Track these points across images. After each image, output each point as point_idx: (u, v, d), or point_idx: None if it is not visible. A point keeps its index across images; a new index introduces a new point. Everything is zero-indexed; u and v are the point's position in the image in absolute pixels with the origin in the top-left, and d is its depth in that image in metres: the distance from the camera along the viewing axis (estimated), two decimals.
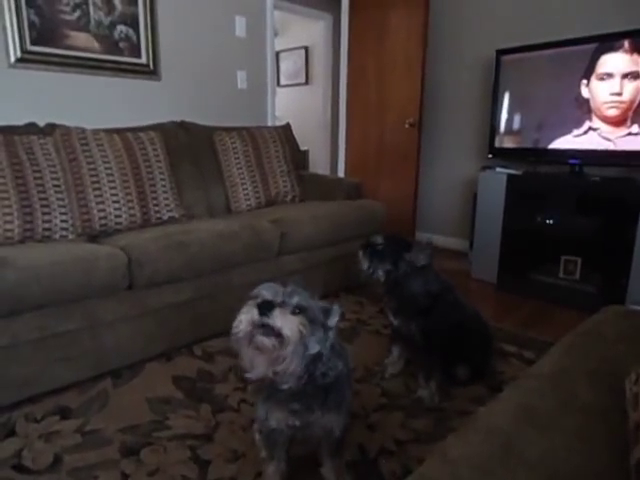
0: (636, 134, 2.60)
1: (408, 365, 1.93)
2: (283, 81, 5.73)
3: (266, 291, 0.98)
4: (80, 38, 2.60)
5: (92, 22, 2.63)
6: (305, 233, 2.49)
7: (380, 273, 1.74)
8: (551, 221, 2.91)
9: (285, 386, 1.02)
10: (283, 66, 5.72)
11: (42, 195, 2.03)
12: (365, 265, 1.76)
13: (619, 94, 2.64)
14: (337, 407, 1.13)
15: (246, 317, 0.95)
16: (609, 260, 2.72)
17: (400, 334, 1.83)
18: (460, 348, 1.76)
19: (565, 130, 2.89)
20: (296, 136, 3.36)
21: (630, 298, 2.54)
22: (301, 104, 5.50)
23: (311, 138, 5.12)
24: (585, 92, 2.78)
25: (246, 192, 2.83)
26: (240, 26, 3.41)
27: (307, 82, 5.49)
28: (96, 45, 2.68)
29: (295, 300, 0.97)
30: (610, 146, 2.71)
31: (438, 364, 1.75)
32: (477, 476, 0.69)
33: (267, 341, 0.94)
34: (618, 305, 1.32)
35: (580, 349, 1.04)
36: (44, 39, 2.47)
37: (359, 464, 1.38)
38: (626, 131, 2.64)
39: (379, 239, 1.77)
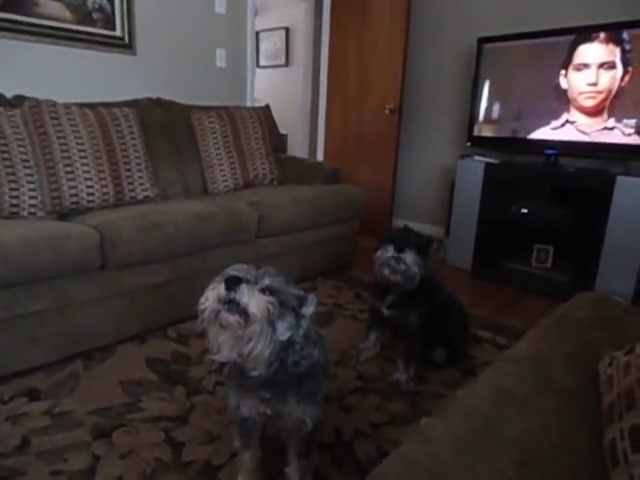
0: (611, 128, 2.66)
1: (383, 349, 1.95)
2: (263, 62, 5.62)
3: (236, 270, 0.95)
4: (51, 6, 2.48)
5: None
6: (284, 216, 2.46)
7: (416, 270, 1.55)
8: (525, 210, 2.96)
9: (254, 373, 0.99)
10: (263, 46, 5.61)
11: (9, 170, 1.94)
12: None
13: (595, 84, 2.69)
14: (311, 397, 1.09)
15: (212, 293, 0.92)
16: (580, 249, 2.80)
17: (391, 323, 1.77)
18: (440, 331, 1.78)
19: (543, 121, 2.93)
20: (275, 119, 3.30)
21: (599, 287, 2.62)
22: (280, 86, 5.42)
23: (290, 121, 5.05)
24: (563, 82, 2.82)
25: (223, 173, 2.78)
26: (220, 2, 3.31)
27: (287, 64, 5.41)
28: (68, 14, 2.55)
29: (266, 281, 0.94)
30: (585, 138, 2.76)
31: (419, 348, 1.76)
32: (457, 456, 0.69)
33: (232, 318, 0.90)
34: (592, 292, 1.35)
35: (556, 333, 1.06)
36: (12, 5, 2.34)
37: (334, 446, 1.39)
38: (602, 125, 2.69)
39: (403, 232, 1.59)
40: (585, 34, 2.70)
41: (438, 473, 0.66)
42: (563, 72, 2.81)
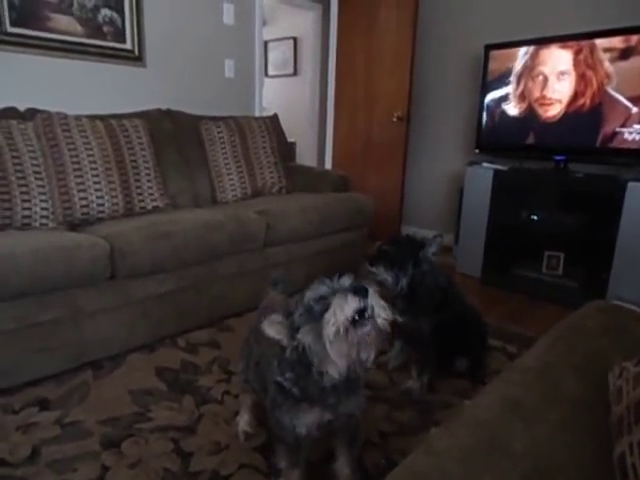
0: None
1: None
2: (271, 71, 5.66)
3: (324, 286, 0.92)
4: (62, 21, 2.53)
5: (75, 4, 2.55)
6: (291, 225, 2.47)
7: (404, 282, 1.58)
8: (535, 217, 2.94)
9: (336, 378, 0.94)
10: (271, 56, 5.65)
11: (22, 182, 1.97)
12: (388, 279, 1.58)
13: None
14: (358, 389, 1.08)
15: (347, 309, 0.87)
16: (591, 256, 2.76)
17: (405, 331, 1.75)
18: (460, 341, 1.76)
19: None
20: (283, 128, 3.33)
21: (611, 293, 2.58)
22: (289, 95, 5.45)
23: (298, 130, 5.08)
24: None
25: (232, 182, 2.80)
26: (228, 13, 3.35)
27: (295, 73, 5.44)
28: (79, 28, 2.60)
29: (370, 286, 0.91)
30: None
31: (434, 358, 1.74)
32: (463, 468, 0.69)
33: (366, 329, 0.87)
34: (600, 300, 1.34)
35: (565, 343, 1.04)
36: (24, 21, 2.39)
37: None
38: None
39: (388, 245, 1.62)
40: (590, 39, 2.68)
41: None
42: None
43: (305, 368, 0.97)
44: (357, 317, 0.88)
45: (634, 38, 2.53)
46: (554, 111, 2.87)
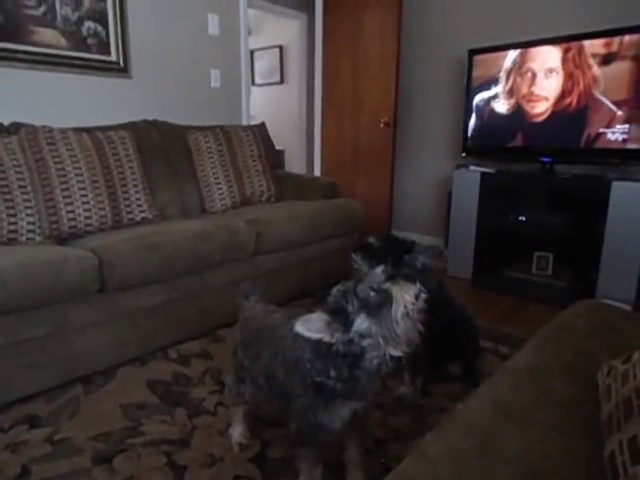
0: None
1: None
2: (258, 80, 5.68)
3: (372, 280, 1.00)
4: (46, 34, 2.52)
5: (59, 18, 2.55)
6: (281, 233, 2.47)
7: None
8: (523, 218, 2.97)
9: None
10: (257, 65, 5.68)
11: (7, 196, 1.95)
12: (364, 267, 1.65)
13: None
14: (375, 376, 1.12)
15: (408, 293, 0.98)
16: (579, 256, 2.79)
17: None
18: (453, 345, 1.77)
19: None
20: (271, 136, 3.33)
21: (600, 292, 2.61)
22: (276, 103, 5.47)
23: (286, 138, 5.10)
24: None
25: (221, 192, 2.79)
26: (213, 24, 3.36)
27: (282, 81, 5.46)
28: (63, 41, 2.59)
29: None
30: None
31: (426, 362, 1.74)
32: (456, 473, 0.69)
33: (421, 310, 0.99)
34: (590, 299, 1.35)
35: (554, 343, 1.05)
36: (7, 35, 2.38)
37: (337, 464, 1.37)
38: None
39: (376, 240, 1.67)
40: (575, 41, 2.73)
41: None
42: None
43: (353, 360, 1.01)
44: (415, 300, 0.98)
45: (616, 43, 2.57)
46: (541, 108, 2.90)
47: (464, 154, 3.33)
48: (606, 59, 2.63)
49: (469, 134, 3.27)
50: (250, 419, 1.47)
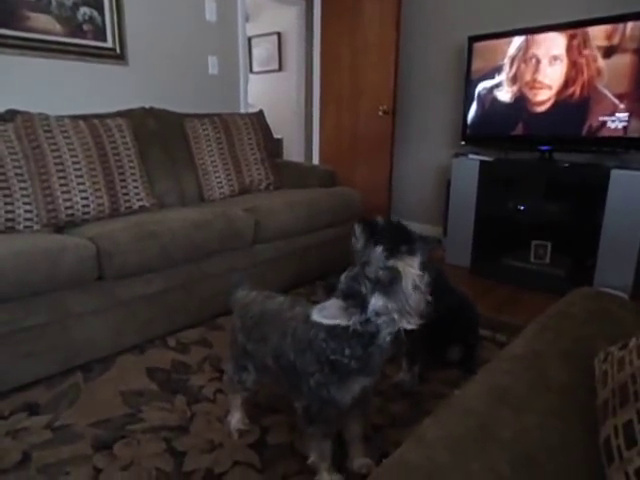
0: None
1: None
2: (256, 67, 5.63)
3: (375, 258, 1.04)
4: (41, 20, 2.49)
5: (53, 3, 2.51)
6: (280, 221, 2.46)
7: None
8: (522, 206, 2.96)
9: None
10: (256, 52, 5.62)
11: (4, 184, 1.94)
12: (359, 243, 1.69)
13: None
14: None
15: (414, 266, 1.01)
16: (577, 244, 2.79)
17: None
18: (453, 330, 1.78)
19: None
20: (270, 124, 3.31)
21: (598, 280, 2.62)
22: (274, 91, 5.43)
23: (285, 126, 5.07)
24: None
25: (219, 180, 2.78)
26: (210, 10, 3.32)
27: (280, 69, 5.41)
28: (58, 27, 2.56)
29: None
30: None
31: (424, 350, 1.75)
32: (453, 457, 0.69)
33: (427, 280, 1.02)
34: (587, 287, 1.35)
35: (551, 330, 1.06)
36: (1, 20, 2.34)
37: (336, 450, 1.38)
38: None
39: (381, 220, 1.70)
40: (579, 27, 2.70)
41: (434, 475, 0.66)
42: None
43: (369, 338, 1.04)
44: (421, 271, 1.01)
45: (618, 35, 2.55)
46: (543, 96, 2.88)
47: (463, 142, 3.32)
48: (608, 51, 2.61)
49: (468, 122, 3.25)
50: (249, 406, 1.48)
